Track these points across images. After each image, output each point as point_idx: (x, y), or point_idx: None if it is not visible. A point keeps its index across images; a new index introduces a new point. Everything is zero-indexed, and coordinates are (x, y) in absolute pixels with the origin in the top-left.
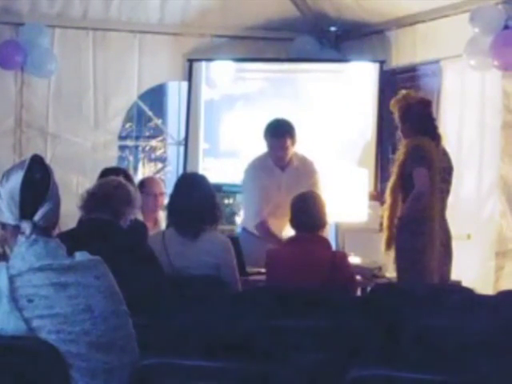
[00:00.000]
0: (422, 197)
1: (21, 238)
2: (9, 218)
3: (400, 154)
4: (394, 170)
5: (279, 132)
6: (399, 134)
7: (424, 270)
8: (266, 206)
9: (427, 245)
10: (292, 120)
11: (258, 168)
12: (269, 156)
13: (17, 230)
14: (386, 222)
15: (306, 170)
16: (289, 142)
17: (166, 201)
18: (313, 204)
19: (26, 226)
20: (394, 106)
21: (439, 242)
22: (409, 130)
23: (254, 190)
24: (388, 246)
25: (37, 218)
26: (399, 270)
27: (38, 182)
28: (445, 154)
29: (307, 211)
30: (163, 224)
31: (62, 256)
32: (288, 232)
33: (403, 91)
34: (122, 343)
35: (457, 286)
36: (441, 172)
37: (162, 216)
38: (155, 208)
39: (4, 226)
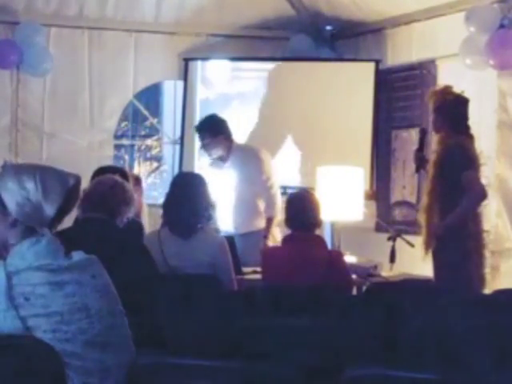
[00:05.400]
0: (481, 201)
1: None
2: (23, 217)
3: (437, 153)
4: (430, 170)
5: (196, 129)
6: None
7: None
8: None
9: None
10: None
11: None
12: None
13: (14, 221)
14: (425, 224)
15: (246, 156)
16: (207, 138)
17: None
18: (308, 203)
19: (44, 232)
20: (430, 97)
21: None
22: (441, 123)
23: None
24: (427, 249)
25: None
26: (441, 273)
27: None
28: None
29: (302, 210)
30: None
31: (61, 257)
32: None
33: (446, 84)
34: (117, 342)
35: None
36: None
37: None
38: None
39: (5, 213)
